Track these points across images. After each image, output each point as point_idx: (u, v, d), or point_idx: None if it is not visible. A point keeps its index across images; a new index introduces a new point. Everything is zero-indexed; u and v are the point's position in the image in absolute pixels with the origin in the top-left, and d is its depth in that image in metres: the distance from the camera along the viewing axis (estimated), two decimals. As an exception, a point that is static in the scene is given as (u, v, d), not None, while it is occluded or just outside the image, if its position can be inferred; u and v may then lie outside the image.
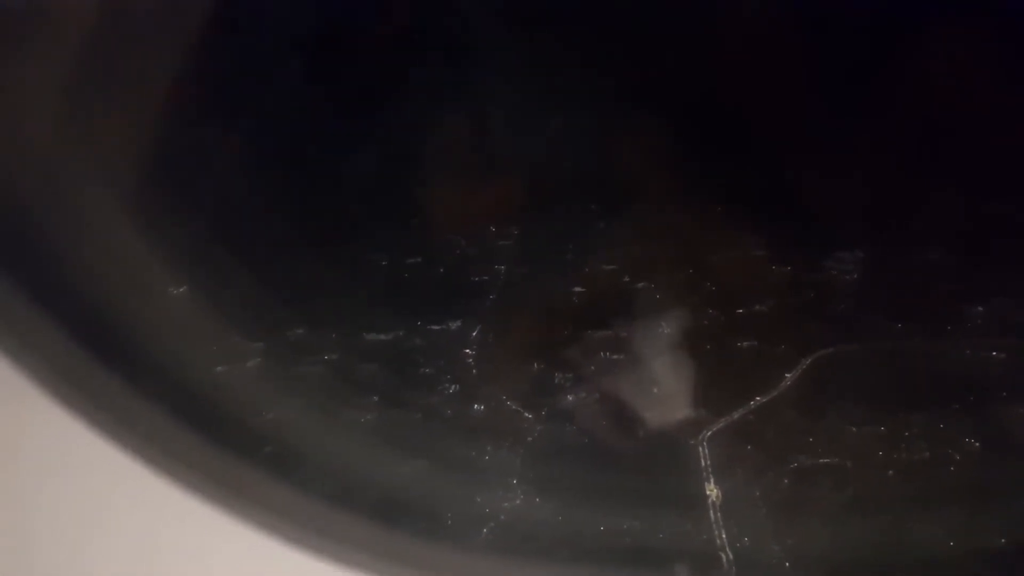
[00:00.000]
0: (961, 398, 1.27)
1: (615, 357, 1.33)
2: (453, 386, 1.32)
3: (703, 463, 1.22)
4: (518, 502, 1.22)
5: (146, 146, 1.35)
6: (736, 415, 1.26)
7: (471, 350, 1.34)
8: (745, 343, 1.32)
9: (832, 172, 1.45)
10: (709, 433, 1.25)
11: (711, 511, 1.19)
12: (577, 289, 1.39)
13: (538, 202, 1.47)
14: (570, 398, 1.29)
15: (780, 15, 1.49)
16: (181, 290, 1.29)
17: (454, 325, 1.36)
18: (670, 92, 1.51)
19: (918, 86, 1.44)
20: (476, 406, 1.30)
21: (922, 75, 1.44)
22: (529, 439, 1.28)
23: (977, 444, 1.23)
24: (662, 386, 1.32)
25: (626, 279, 1.39)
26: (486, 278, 1.40)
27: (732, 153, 1.48)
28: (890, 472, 1.23)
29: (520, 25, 1.52)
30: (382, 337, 1.34)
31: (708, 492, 1.20)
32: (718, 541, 1.17)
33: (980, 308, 1.33)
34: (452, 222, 1.45)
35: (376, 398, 1.29)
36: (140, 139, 1.34)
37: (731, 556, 1.16)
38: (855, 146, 1.45)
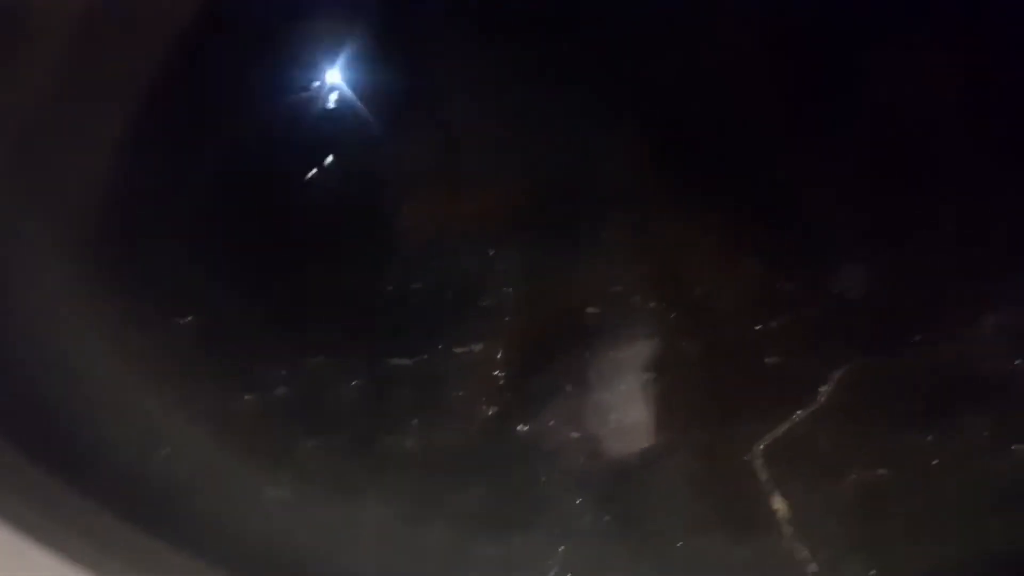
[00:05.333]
0: (999, 405, 1.25)
1: (645, 375, 1.25)
2: (491, 408, 1.22)
3: (762, 478, 1.15)
4: (586, 523, 1.14)
5: (115, 167, 1.27)
6: (781, 429, 1.20)
7: (500, 372, 1.23)
8: (770, 359, 1.26)
9: (826, 184, 1.44)
10: (760, 447, 1.18)
11: (783, 526, 1.13)
12: (590, 310, 1.30)
13: (535, 222, 1.40)
14: (613, 417, 1.21)
15: (771, 22, 1.47)
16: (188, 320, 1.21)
17: (476, 348, 1.25)
18: (661, 108, 1.49)
19: (906, 94, 1.44)
20: (520, 427, 1.19)
21: (909, 83, 1.44)
22: (581, 459, 1.19)
23: (1033, 449, 1.18)
24: (697, 402, 1.28)
25: (636, 298, 1.32)
26: (496, 300, 1.32)
27: (724, 169, 1.45)
28: (952, 481, 1.19)
29: (501, 35, 1.49)
30: (406, 362, 1.23)
31: (775, 507, 1.14)
32: (798, 555, 1.11)
33: (991, 317, 1.31)
34: (447, 242, 1.37)
35: (416, 422, 1.19)
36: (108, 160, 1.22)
37: (816, 568, 1.10)
38: (845, 156, 1.44)
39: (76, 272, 1.19)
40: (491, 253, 1.36)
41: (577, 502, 1.15)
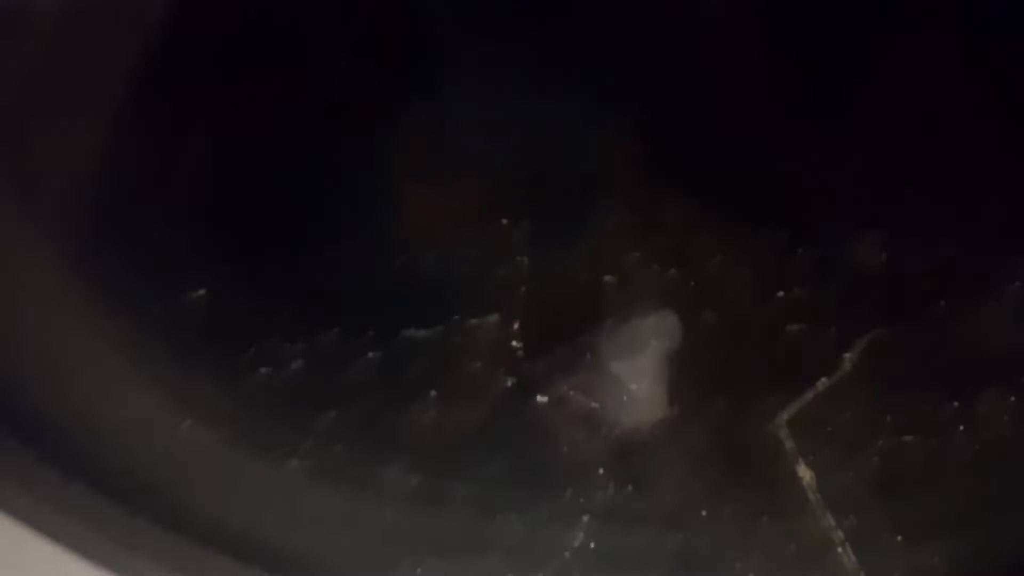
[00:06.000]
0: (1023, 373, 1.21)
1: (665, 345, 1.23)
2: (509, 380, 1.20)
3: (788, 446, 1.13)
4: (610, 492, 1.12)
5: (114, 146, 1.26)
6: (807, 397, 1.18)
7: (517, 343, 1.21)
8: (794, 326, 1.24)
9: (839, 156, 1.43)
10: (786, 416, 1.16)
11: (810, 493, 1.11)
12: (607, 278, 1.28)
13: (546, 195, 1.40)
14: (633, 387, 1.19)
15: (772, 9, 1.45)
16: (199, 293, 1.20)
17: (492, 319, 1.23)
18: (666, 95, 1.48)
19: (916, 69, 1.43)
20: (539, 398, 1.18)
21: (915, 64, 1.42)
22: (602, 430, 1.18)
23: (1058, 418, 1.16)
24: (719, 372, 1.25)
25: (655, 267, 1.30)
26: (510, 272, 1.31)
27: (737, 143, 1.44)
28: (976, 447, 1.17)
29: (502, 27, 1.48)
30: (421, 334, 1.22)
31: (801, 474, 1.12)
32: (825, 522, 1.09)
33: (1017, 284, 1.29)
34: (456, 219, 1.37)
35: (434, 394, 1.17)
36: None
37: (842, 535, 1.08)
38: (861, 128, 1.43)
39: (84, 244, 1.16)
40: (504, 223, 1.33)
41: (599, 472, 1.13)
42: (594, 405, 1.19)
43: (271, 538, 0.97)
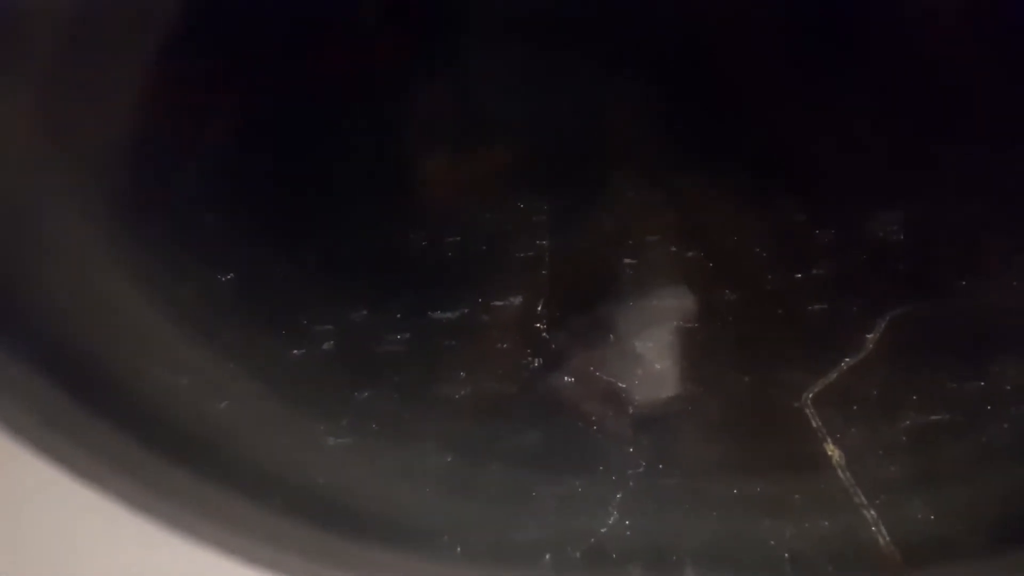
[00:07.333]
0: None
1: (688, 325, 1.23)
2: (536, 360, 1.20)
3: (814, 424, 1.13)
4: (641, 470, 1.11)
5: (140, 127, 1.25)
6: (832, 376, 1.18)
7: (541, 324, 1.21)
8: (816, 306, 1.24)
9: (857, 135, 1.42)
10: (811, 395, 1.15)
11: (839, 471, 1.10)
12: (627, 260, 1.28)
13: (556, 177, 1.40)
14: (657, 366, 1.18)
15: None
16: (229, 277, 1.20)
17: (516, 301, 1.23)
18: (677, 61, 1.49)
19: (928, 38, 1.42)
20: (567, 378, 1.17)
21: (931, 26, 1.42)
22: (630, 409, 1.17)
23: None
24: (744, 351, 1.25)
25: (673, 249, 1.29)
26: (531, 253, 1.31)
27: (754, 121, 1.44)
28: (1005, 425, 1.15)
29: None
30: (448, 316, 1.21)
31: (829, 453, 1.12)
32: (856, 499, 1.08)
33: (1038, 262, 1.29)
34: (476, 197, 1.37)
35: (463, 374, 1.16)
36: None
37: (875, 514, 1.07)
38: (870, 104, 1.42)
39: (112, 229, 1.15)
40: (521, 207, 1.33)
41: (630, 450, 1.13)
42: (620, 384, 1.17)
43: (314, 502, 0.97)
